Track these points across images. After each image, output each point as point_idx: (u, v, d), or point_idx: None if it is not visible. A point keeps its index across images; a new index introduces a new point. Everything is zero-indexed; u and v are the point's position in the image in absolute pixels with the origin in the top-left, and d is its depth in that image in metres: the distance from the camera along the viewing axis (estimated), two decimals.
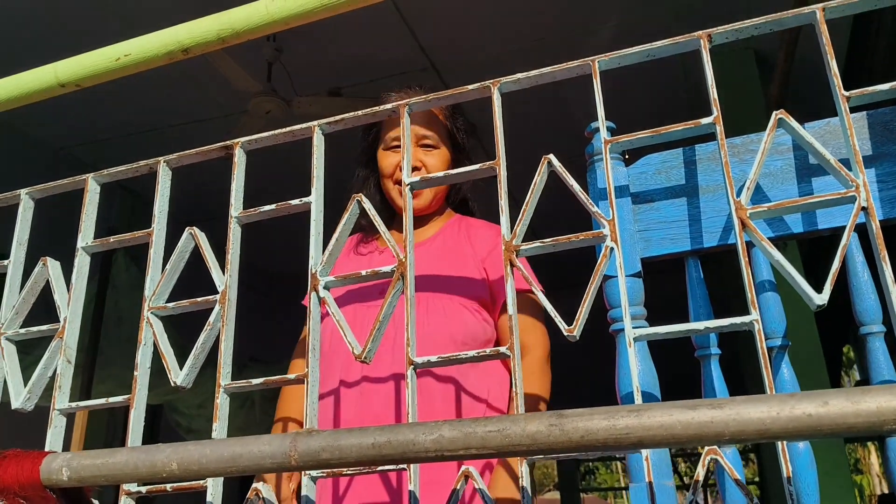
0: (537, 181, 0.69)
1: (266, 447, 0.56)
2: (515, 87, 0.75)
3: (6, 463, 0.63)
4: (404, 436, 0.53)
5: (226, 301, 0.75)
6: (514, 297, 0.66)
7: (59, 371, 0.77)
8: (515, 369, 0.63)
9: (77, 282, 0.81)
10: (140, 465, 0.59)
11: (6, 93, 0.95)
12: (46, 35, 3.38)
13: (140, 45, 0.90)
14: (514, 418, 0.51)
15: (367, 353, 0.68)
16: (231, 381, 0.72)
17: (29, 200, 0.88)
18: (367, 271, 0.73)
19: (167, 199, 0.84)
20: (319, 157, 0.79)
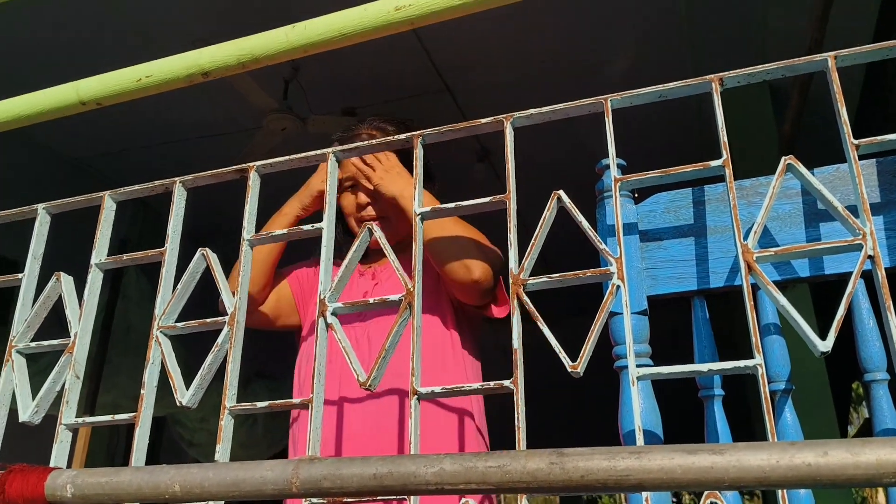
0: (546, 216, 0.70)
1: (268, 473, 0.57)
2: (528, 121, 0.76)
3: (12, 477, 0.64)
4: (406, 468, 0.53)
5: (234, 323, 0.76)
6: (519, 332, 0.66)
7: (68, 386, 0.78)
8: (518, 403, 0.64)
9: (89, 298, 0.82)
10: (144, 485, 0.59)
11: (28, 109, 0.96)
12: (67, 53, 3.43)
13: (161, 66, 0.92)
14: (514, 455, 0.51)
15: (371, 381, 0.68)
16: (236, 402, 0.73)
17: (46, 215, 0.90)
18: (375, 299, 0.73)
19: (181, 219, 0.85)
20: (333, 184, 0.80)
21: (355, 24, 0.85)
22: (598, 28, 3.40)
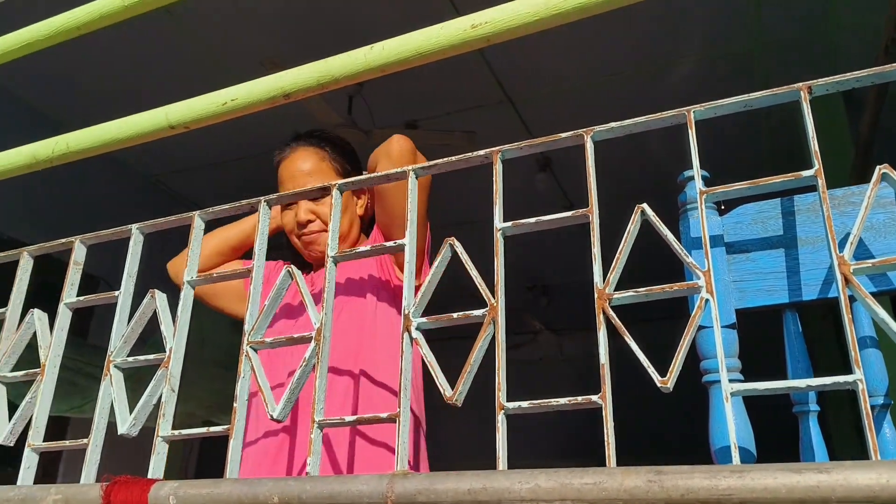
0: (631, 230, 0.69)
1: (363, 487, 0.58)
2: (608, 135, 0.76)
3: (116, 488, 0.67)
4: (500, 483, 0.54)
5: (321, 339, 0.78)
6: (606, 347, 0.66)
7: (164, 399, 0.81)
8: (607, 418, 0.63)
9: (182, 314, 0.86)
10: (243, 497, 0.62)
11: (122, 133, 1.01)
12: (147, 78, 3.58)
13: (246, 90, 0.95)
14: (610, 472, 0.51)
15: (458, 396, 0.69)
16: (324, 417, 0.74)
17: (139, 235, 0.94)
18: (458, 314, 0.74)
19: (266, 238, 0.88)
20: (413, 200, 0.81)
21: (432, 43, 0.87)
22: (662, 34, 3.35)
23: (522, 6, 0.82)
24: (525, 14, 0.81)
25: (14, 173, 1.05)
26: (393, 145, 1.44)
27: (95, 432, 0.83)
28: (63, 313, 0.92)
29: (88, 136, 1.02)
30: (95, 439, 0.83)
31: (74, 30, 1.13)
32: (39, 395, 0.88)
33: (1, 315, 0.97)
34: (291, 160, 1.57)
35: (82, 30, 1.13)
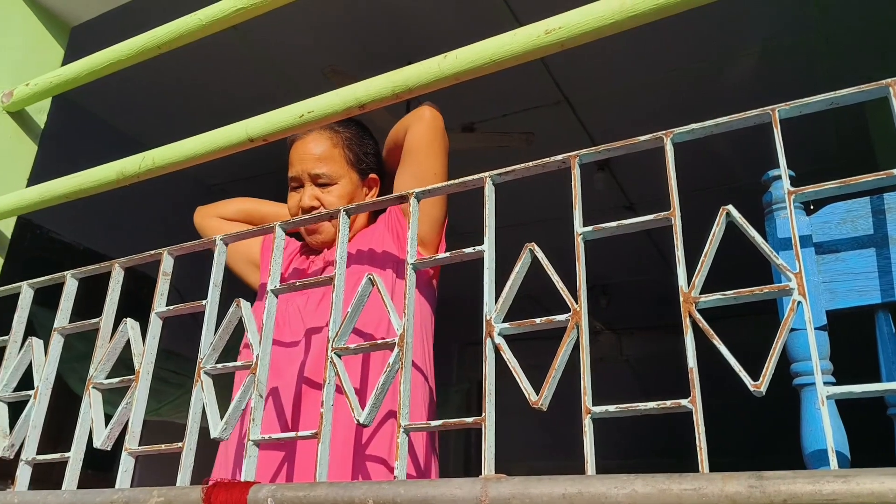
0: (716, 232, 0.69)
1: (457, 490, 0.59)
2: (689, 136, 0.75)
3: (217, 491, 0.70)
4: (596, 488, 0.54)
5: (404, 344, 0.79)
6: (693, 351, 0.66)
7: (253, 405, 0.84)
8: (698, 423, 0.63)
9: (267, 321, 0.88)
10: (339, 499, 0.63)
11: (203, 148, 1.05)
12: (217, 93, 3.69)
13: (322, 102, 0.98)
14: (710, 477, 0.51)
15: (543, 401, 0.70)
16: (409, 421, 0.76)
17: (223, 245, 0.97)
18: (541, 320, 0.74)
19: (345, 245, 0.90)
20: (491, 206, 0.82)
21: (506, 50, 0.87)
22: (721, 30, 3.29)
23: (597, 9, 0.82)
24: (600, 17, 0.81)
25: (104, 189, 1.10)
26: (425, 111, 1.48)
27: (189, 436, 0.86)
28: (154, 322, 0.96)
29: (172, 152, 1.06)
30: (189, 443, 0.86)
31: (155, 48, 1.17)
32: (134, 401, 0.92)
33: (94, 325, 1.01)
34: (304, 142, 1.54)
35: (163, 48, 1.17)
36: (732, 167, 4.15)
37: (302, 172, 1.50)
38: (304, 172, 1.50)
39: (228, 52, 3.43)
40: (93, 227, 3.70)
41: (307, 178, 1.50)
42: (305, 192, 1.50)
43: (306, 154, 1.52)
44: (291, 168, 1.52)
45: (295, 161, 1.52)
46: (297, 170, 1.51)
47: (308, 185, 1.50)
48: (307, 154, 1.52)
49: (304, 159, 1.51)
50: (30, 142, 1.34)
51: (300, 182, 1.51)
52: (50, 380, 1.00)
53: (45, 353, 1.03)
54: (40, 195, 1.15)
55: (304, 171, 1.50)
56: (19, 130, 1.33)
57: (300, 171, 1.50)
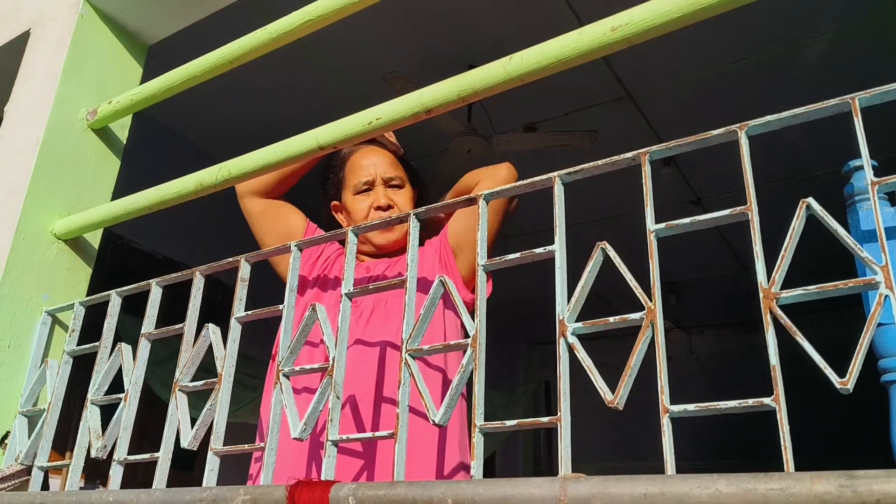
0: (795, 226, 0.67)
1: (536, 490, 0.59)
2: (764, 129, 0.73)
3: (300, 489, 0.72)
4: (678, 488, 0.53)
5: (477, 345, 0.80)
6: (775, 348, 0.64)
7: (331, 406, 0.86)
8: (782, 421, 0.62)
9: (342, 324, 0.90)
10: (418, 498, 0.64)
11: (276, 156, 1.08)
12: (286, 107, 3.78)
13: (389, 108, 1.00)
14: (798, 476, 0.50)
15: (619, 400, 0.69)
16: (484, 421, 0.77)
17: (297, 251, 1.00)
18: (615, 318, 0.74)
19: (416, 248, 0.91)
20: (560, 206, 0.82)
21: (571, 49, 0.87)
22: (790, 16, 3.18)
23: (663, 4, 0.81)
24: (667, 11, 0.80)
25: (184, 199, 1.15)
26: (501, 171, 1.47)
27: (270, 436, 0.89)
28: (234, 327, 1.00)
29: (247, 162, 1.10)
30: (271, 443, 0.89)
31: (227, 63, 1.21)
32: (218, 402, 0.95)
33: (178, 331, 1.06)
34: (371, 150, 1.60)
35: (234, 63, 1.21)
36: (806, 157, 4.01)
37: (375, 175, 1.56)
38: (378, 175, 1.56)
39: (293, 64, 3.51)
40: (169, 236, 3.85)
41: (380, 180, 1.56)
42: (378, 192, 1.55)
43: (378, 159, 1.59)
44: (361, 173, 1.57)
45: (366, 166, 1.57)
46: (369, 173, 1.56)
47: (379, 187, 1.56)
48: (379, 159, 1.59)
49: (377, 164, 1.58)
50: (113, 157, 1.41)
51: (371, 185, 1.56)
52: (139, 383, 1.05)
53: (133, 358, 1.08)
54: (125, 207, 1.20)
55: (378, 175, 1.56)
56: (103, 147, 1.40)
57: (373, 173, 1.56)
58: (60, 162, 1.32)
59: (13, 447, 1.17)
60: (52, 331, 1.25)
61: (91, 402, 1.09)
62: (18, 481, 1.15)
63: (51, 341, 1.25)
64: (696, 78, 3.60)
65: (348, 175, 1.59)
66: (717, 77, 3.57)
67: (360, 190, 1.57)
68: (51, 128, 1.33)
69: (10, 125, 1.41)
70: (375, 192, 1.56)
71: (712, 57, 3.45)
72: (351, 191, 1.58)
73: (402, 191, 1.58)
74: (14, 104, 1.44)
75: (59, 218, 1.30)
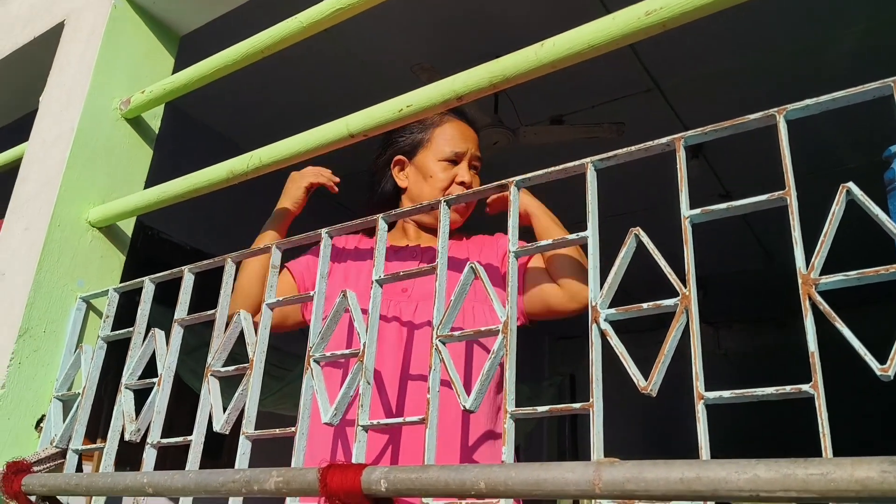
0: (835, 211, 0.66)
1: (570, 474, 0.59)
2: (803, 113, 0.72)
3: (331, 473, 0.72)
4: (714, 473, 0.53)
5: (507, 331, 0.80)
6: (814, 335, 0.63)
7: (361, 391, 0.87)
8: (820, 407, 0.61)
9: (372, 311, 0.91)
10: (451, 481, 0.64)
11: (306, 145, 1.09)
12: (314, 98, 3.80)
13: (420, 95, 0.99)
14: (838, 462, 0.49)
15: (652, 386, 0.69)
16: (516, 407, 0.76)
17: (328, 238, 1.00)
18: (648, 304, 0.73)
19: (447, 236, 0.91)
20: (593, 192, 0.82)
21: (605, 35, 0.86)
22: (823, 9, 3.12)
23: None
24: None
25: (215, 187, 1.16)
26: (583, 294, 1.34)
27: (301, 422, 0.90)
28: (265, 313, 1.01)
29: (278, 150, 1.10)
30: (301, 428, 0.89)
31: (259, 53, 1.22)
32: (250, 388, 0.96)
33: (210, 317, 1.07)
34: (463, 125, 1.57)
35: (265, 52, 1.22)
36: (838, 150, 3.94)
37: (468, 150, 1.53)
38: (469, 151, 1.54)
39: (321, 55, 3.52)
40: (199, 228, 3.89)
41: (468, 157, 1.54)
42: (464, 168, 1.53)
43: (472, 136, 1.57)
44: (454, 142, 1.53)
45: (462, 138, 1.54)
46: (464, 146, 1.53)
47: (465, 163, 1.53)
48: (472, 136, 1.56)
49: (471, 140, 1.55)
50: (146, 146, 1.42)
51: (460, 158, 1.53)
52: (172, 368, 1.06)
53: (166, 344, 1.09)
54: (158, 196, 1.22)
55: (469, 150, 1.54)
56: (136, 136, 1.42)
57: (466, 147, 1.53)
58: (94, 151, 1.34)
59: (48, 431, 1.19)
60: (87, 317, 1.27)
61: (125, 386, 1.10)
62: (54, 464, 1.17)
63: (85, 327, 1.27)
64: (726, 69, 3.55)
65: (438, 138, 1.54)
66: (748, 68, 3.52)
67: (448, 158, 1.52)
68: (85, 117, 1.34)
69: (45, 115, 1.43)
70: (462, 166, 1.52)
71: (742, 48, 3.40)
72: (436, 154, 1.53)
73: (477, 174, 1.56)
74: (49, 95, 1.47)
75: (93, 206, 1.32)
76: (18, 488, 1.00)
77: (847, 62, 3.36)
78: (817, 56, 3.36)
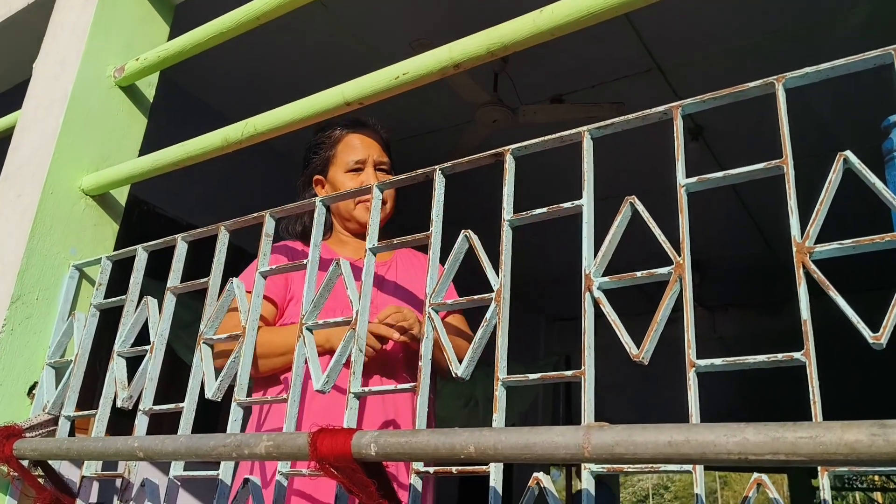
0: (832, 179, 0.65)
1: (559, 438, 0.59)
2: (802, 81, 0.71)
3: (322, 437, 0.72)
4: (704, 436, 0.53)
5: (500, 299, 0.79)
6: (807, 303, 0.63)
7: (353, 359, 0.86)
8: (812, 375, 0.60)
9: (366, 279, 0.90)
10: (440, 446, 0.64)
11: (301, 113, 1.08)
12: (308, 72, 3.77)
13: (417, 63, 0.98)
14: (828, 425, 0.49)
15: (644, 354, 0.68)
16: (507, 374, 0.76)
17: (322, 207, 1.00)
18: (642, 273, 0.73)
19: (441, 204, 0.90)
20: (589, 161, 0.81)
21: (604, 1, 0.85)
22: None
23: None
24: None
25: (210, 155, 1.15)
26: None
27: (293, 388, 0.89)
28: (258, 281, 1.00)
29: (273, 118, 1.09)
30: (293, 395, 0.89)
31: (254, 20, 1.21)
32: (242, 355, 0.96)
33: (203, 285, 1.06)
34: (367, 133, 1.68)
35: (261, 20, 1.20)
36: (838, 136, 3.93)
37: (368, 157, 1.64)
38: (370, 157, 1.64)
39: (317, 31, 3.49)
40: (194, 204, 3.88)
41: (371, 162, 1.65)
42: (369, 174, 1.64)
43: (372, 143, 1.67)
44: (354, 152, 1.64)
45: (361, 146, 1.65)
46: (364, 153, 1.64)
47: (370, 169, 1.64)
48: (373, 143, 1.67)
49: (371, 147, 1.66)
50: (140, 115, 1.41)
51: (364, 165, 1.64)
52: (164, 336, 1.06)
53: (158, 312, 1.08)
54: (152, 163, 1.21)
55: (370, 156, 1.64)
56: (130, 104, 1.41)
57: (366, 154, 1.64)
58: (88, 118, 1.33)
59: (41, 397, 1.19)
60: (80, 285, 1.27)
61: (118, 353, 1.10)
62: (45, 431, 1.17)
63: (78, 295, 1.26)
64: (728, 49, 3.53)
65: (340, 153, 1.66)
66: (750, 49, 3.50)
67: (352, 168, 1.63)
68: (78, 84, 1.33)
69: (39, 81, 1.42)
70: (366, 173, 1.63)
71: (745, 28, 3.37)
72: (342, 168, 1.65)
73: (389, 176, 1.66)
74: (42, 61, 1.45)
75: (86, 174, 1.31)
76: (10, 452, 1.00)
77: (851, 44, 3.33)
78: (820, 36, 3.33)
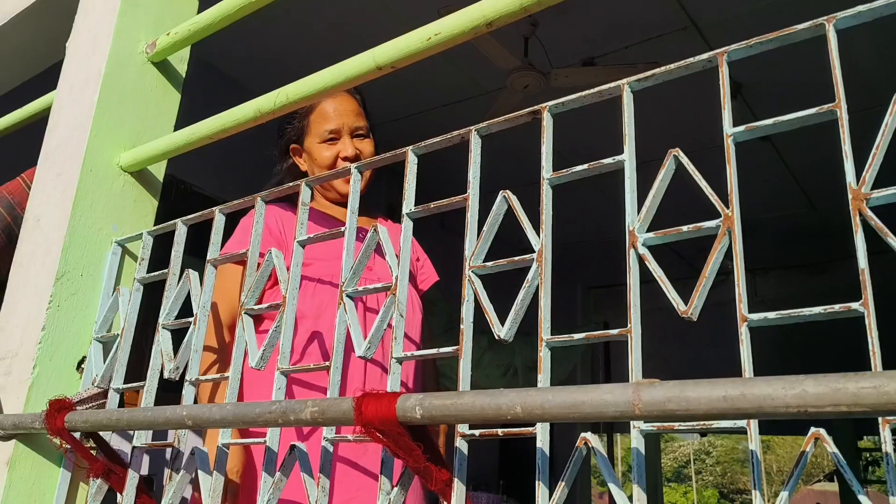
0: (888, 122, 0.62)
1: (608, 396, 0.58)
2: (854, 21, 0.68)
3: (367, 401, 0.72)
4: (760, 389, 0.51)
5: (542, 260, 0.78)
6: (864, 251, 0.60)
7: (395, 324, 0.86)
8: (871, 325, 0.58)
9: (404, 244, 0.90)
10: (486, 407, 0.64)
11: (333, 79, 1.07)
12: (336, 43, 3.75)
13: (448, 23, 0.96)
14: (891, 374, 0.47)
15: (693, 310, 0.67)
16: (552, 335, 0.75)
17: (357, 173, 0.99)
18: (689, 227, 0.71)
19: (479, 166, 0.89)
20: (630, 115, 0.79)
21: None
22: None
23: None
24: None
25: (243, 127, 1.15)
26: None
27: (335, 355, 0.90)
28: (297, 251, 1.00)
29: (305, 85, 1.08)
30: (336, 362, 0.89)
31: None
32: (284, 324, 0.96)
33: (242, 256, 1.07)
34: (339, 99, 1.62)
35: None
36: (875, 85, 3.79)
37: (342, 125, 1.60)
38: (345, 125, 1.61)
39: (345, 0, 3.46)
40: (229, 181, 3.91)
41: (346, 130, 1.61)
42: (345, 143, 1.60)
43: (345, 109, 1.62)
44: (328, 122, 1.60)
45: (333, 115, 1.60)
46: (337, 123, 1.60)
47: (346, 138, 1.60)
48: (346, 109, 1.62)
49: (344, 113, 1.61)
50: (173, 90, 1.41)
51: (339, 134, 1.61)
52: (206, 307, 1.07)
53: (200, 284, 1.09)
54: (187, 138, 1.21)
55: (345, 124, 1.61)
56: (163, 80, 1.41)
57: (340, 123, 1.60)
58: (122, 95, 1.33)
59: (90, 371, 1.22)
60: (123, 260, 1.28)
61: (162, 326, 1.11)
62: (95, 404, 1.19)
63: (122, 270, 1.28)
64: (766, 4, 3.41)
65: (314, 122, 1.62)
66: (789, 3, 3.38)
67: (326, 138, 1.60)
68: (112, 61, 1.33)
69: (72, 61, 1.43)
70: (342, 141, 1.60)
71: None
72: (316, 138, 1.61)
73: (367, 140, 1.63)
74: (75, 40, 1.46)
75: (123, 151, 1.32)
76: (62, 425, 1.02)
77: None
78: None
